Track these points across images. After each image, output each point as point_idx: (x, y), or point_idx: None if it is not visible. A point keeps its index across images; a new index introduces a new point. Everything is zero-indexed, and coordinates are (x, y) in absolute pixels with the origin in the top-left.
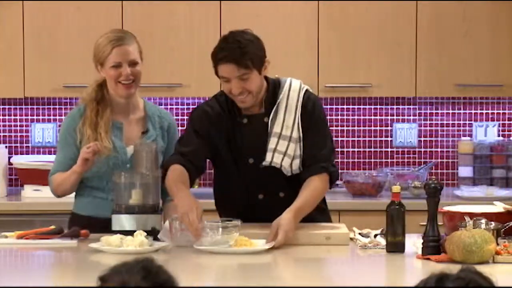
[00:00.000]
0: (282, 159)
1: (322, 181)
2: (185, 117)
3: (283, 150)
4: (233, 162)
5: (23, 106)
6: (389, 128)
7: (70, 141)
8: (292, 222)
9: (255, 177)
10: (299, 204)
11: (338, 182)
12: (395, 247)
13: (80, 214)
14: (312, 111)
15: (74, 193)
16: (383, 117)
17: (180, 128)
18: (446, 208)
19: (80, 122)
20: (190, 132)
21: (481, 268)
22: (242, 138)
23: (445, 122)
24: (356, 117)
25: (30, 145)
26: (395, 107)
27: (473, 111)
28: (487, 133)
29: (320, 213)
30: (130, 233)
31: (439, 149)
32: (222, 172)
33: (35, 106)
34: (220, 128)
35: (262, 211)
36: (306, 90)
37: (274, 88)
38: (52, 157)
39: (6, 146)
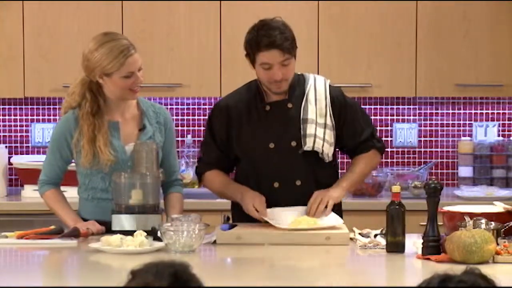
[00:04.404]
0: (323, 145)
1: (369, 155)
2: (185, 117)
3: (321, 136)
4: (253, 147)
5: (23, 106)
6: (389, 128)
7: (63, 144)
8: (331, 190)
9: (273, 163)
10: (345, 177)
11: None
12: (395, 247)
13: (87, 219)
14: (343, 102)
15: (76, 193)
16: (383, 117)
17: (180, 128)
18: (446, 208)
19: (76, 129)
20: (208, 137)
21: (481, 268)
22: (264, 124)
23: (445, 122)
24: None
25: (30, 145)
26: (395, 107)
27: (473, 111)
28: (487, 133)
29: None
30: (130, 233)
31: (439, 149)
32: (241, 161)
33: (35, 106)
34: (245, 115)
35: (277, 202)
36: (330, 84)
37: (297, 77)
38: None
39: (6, 146)
